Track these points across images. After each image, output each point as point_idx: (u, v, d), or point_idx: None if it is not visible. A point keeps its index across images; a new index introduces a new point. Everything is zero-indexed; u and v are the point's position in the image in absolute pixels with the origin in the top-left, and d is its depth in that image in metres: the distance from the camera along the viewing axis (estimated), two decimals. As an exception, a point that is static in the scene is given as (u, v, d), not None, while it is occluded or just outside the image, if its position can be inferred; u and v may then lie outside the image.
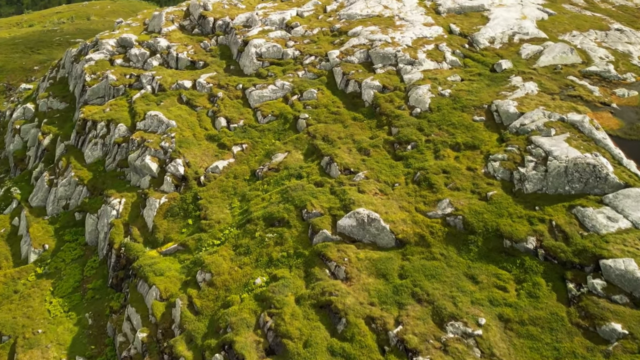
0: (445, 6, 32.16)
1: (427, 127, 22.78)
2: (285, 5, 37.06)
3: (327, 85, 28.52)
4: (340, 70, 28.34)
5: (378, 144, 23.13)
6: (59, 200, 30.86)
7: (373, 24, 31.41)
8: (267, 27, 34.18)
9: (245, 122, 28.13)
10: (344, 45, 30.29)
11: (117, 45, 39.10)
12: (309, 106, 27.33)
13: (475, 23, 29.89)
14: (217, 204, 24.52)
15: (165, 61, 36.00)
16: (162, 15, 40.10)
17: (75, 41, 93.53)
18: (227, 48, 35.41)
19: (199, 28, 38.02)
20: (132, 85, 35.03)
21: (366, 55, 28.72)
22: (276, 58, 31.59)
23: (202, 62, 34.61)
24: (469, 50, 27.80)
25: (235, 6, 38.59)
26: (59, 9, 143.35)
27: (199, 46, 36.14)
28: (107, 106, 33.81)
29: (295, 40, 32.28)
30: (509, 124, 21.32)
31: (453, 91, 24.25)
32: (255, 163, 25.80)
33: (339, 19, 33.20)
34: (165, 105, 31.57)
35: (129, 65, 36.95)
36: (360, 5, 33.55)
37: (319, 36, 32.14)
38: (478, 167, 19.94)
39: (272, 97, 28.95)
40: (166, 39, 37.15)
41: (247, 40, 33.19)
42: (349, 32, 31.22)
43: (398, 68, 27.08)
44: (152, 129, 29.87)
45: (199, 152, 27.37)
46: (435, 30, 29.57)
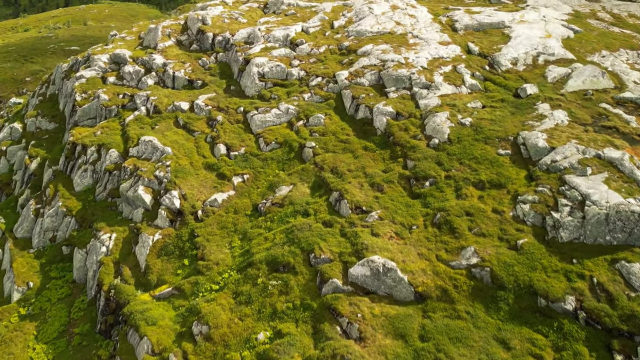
0: (462, 23, 30.95)
1: (446, 161, 21.47)
2: (289, 20, 35.94)
3: (335, 110, 27.29)
4: (350, 93, 27.11)
5: (392, 178, 21.83)
6: (46, 232, 29.62)
7: (384, 42, 30.21)
8: (270, 44, 33.03)
9: (247, 149, 26.89)
10: (353, 65, 29.08)
11: (110, 61, 38.02)
12: (315, 133, 26.09)
13: (495, 42, 28.66)
14: (216, 242, 23.22)
15: (161, 80, 34.87)
16: (158, 30, 39.04)
17: (70, 49, 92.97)
18: (228, 66, 34.26)
19: (197, 44, 36.92)
20: (125, 105, 33.89)
21: (377, 77, 27.50)
22: (280, 79, 30.41)
23: (200, 81, 33.46)
24: (490, 72, 26.54)
25: (236, 20, 37.50)
26: (55, 13, 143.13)
27: (197, 64, 35.01)
28: (98, 129, 32.64)
29: (300, 59, 31.10)
30: (538, 159, 19.99)
31: (474, 120, 22.96)
32: (258, 196, 24.53)
33: (347, 36, 32.03)
34: (160, 129, 30.38)
35: (123, 84, 35.83)
36: (370, 21, 32.38)
37: (326, 55, 30.96)
38: (505, 210, 18.60)
39: (275, 122, 27.73)
40: (162, 56, 36.04)
41: (248, 58, 32.03)
42: (359, 51, 30.03)
43: (413, 92, 25.83)
44: (146, 155, 28.65)
45: (196, 183, 26.12)
46: (452, 49, 28.34)
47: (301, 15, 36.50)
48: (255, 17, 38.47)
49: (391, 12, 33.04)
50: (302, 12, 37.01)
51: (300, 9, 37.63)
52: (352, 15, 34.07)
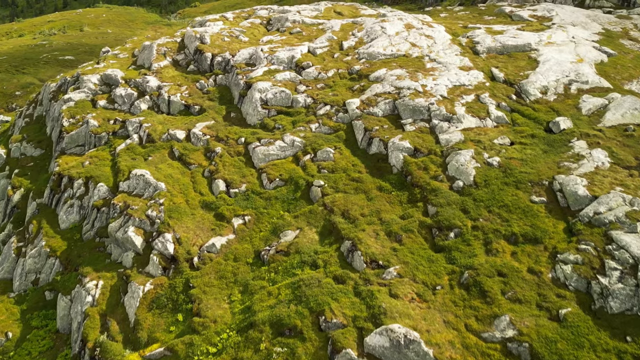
0: (485, 45, 29.45)
1: (473, 208, 19.85)
2: (294, 39, 34.52)
3: (345, 143, 25.76)
4: (362, 124, 25.59)
5: (412, 227, 20.21)
6: (28, 274, 28.09)
7: (399, 66, 28.72)
8: (273, 66, 31.59)
9: (248, 186, 25.34)
10: (364, 92, 27.57)
11: (100, 82, 36.66)
12: (324, 169, 24.54)
13: (522, 67, 27.13)
14: (214, 295, 21.61)
15: (155, 104, 33.44)
16: (153, 48, 37.69)
17: (65, 58, 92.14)
18: (227, 90, 32.83)
19: (195, 64, 35.52)
20: (116, 132, 32.46)
21: (392, 106, 25.98)
22: (285, 106, 28.93)
23: (197, 106, 32.01)
24: (517, 102, 24.99)
25: (237, 39, 36.12)
26: (51, 17, 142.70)
27: (194, 87, 33.58)
28: (87, 158, 31.18)
29: (306, 84, 29.63)
30: (578, 209, 18.37)
31: (503, 160, 21.37)
32: (260, 241, 22.94)
33: (358, 59, 30.56)
34: (153, 160, 28.89)
35: (114, 108, 34.42)
36: (382, 42, 30.91)
37: (334, 80, 29.48)
38: (543, 270, 16.95)
39: (280, 155, 26.21)
40: (157, 78, 34.64)
41: (250, 82, 30.58)
42: (371, 76, 28.53)
43: (432, 125, 24.28)
44: (137, 191, 27.14)
45: (192, 225, 24.55)
46: (474, 75, 26.82)
47: (307, 34, 35.09)
48: (257, 35, 37.09)
49: (406, 32, 31.58)
50: (308, 30, 35.62)
51: (306, 26, 36.25)
52: (363, 35, 32.62)
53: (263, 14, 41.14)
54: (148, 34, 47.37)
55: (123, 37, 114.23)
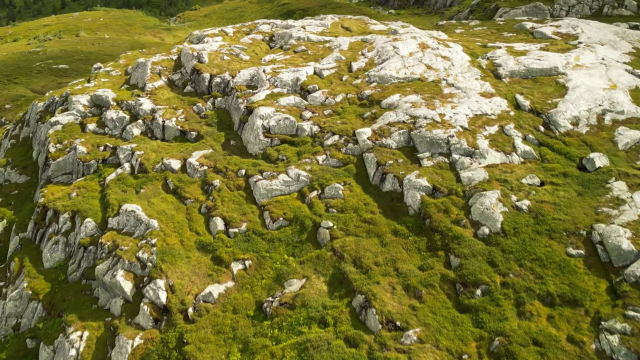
0: (507, 68, 27.97)
1: (501, 261, 18.30)
2: (299, 59, 33.10)
3: (356, 178, 24.25)
4: (374, 158, 24.10)
5: (432, 281, 18.66)
6: (8, 319, 26.62)
7: (414, 91, 27.26)
8: (276, 89, 30.17)
9: (249, 226, 23.83)
10: (376, 121, 26.10)
11: (90, 104, 35.29)
12: (333, 208, 23.02)
13: (549, 94, 25.63)
14: (210, 353, 20.05)
15: (149, 129, 32.03)
16: (147, 67, 36.33)
17: (58, 67, 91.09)
18: (227, 114, 31.41)
19: (192, 85, 34.14)
20: (106, 160, 31.06)
21: (407, 137, 24.49)
22: (289, 134, 27.48)
23: (194, 132, 30.58)
24: (546, 135, 23.48)
25: (237, 57, 34.74)
26: (47, 21, 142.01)
27: (191, 110, 32.17)
28: (74, 189, 29.76)
29: (313, 110, 28.19)
30: (622, 265, 16.82)
31: (533, 203, 19.82)
32: (262, 290, 21.40)
33: (368, 82, 29.11)
34: (146, 194, 27.44)
35: (104, 133, 33.03)
36: (395, 64, 29.45)
37: (343, 105, 28.03)
38: (585, 340, 15.38)
39: (284, 191, 24.71)
40: (151, 100, 33.24)
41: (251, 107, 29.15)
42: (383, 102, 27.07)
43: (452, 160, 22.77)
44: (127, 229, 25.66)
45: (187, 270, 23.02)
46: (497, 103, 25.33)
47: (313, 53, 33.69)
48: (259, 53, 35.70)
49: (420, 53, 30.14)
50: (314, 48, 34.23)
51: (312, 44, 34.86)
52: (374, 56, 31.18)
53: (265, 29, 39.79)
54: (142, 49, 46.00)
55: (120, 43, 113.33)
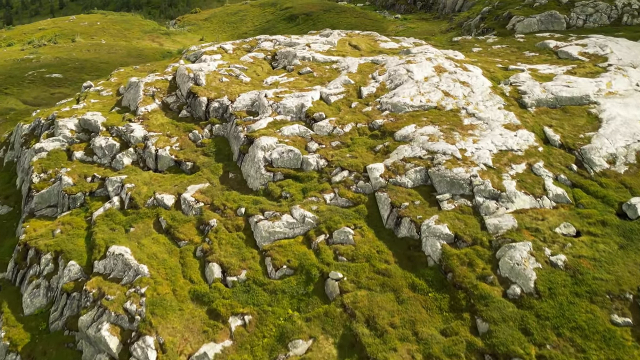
0: (533, 96, 26.38)
1: (536, 328, 16.63)
2: (303, 81, 31.57)
3: (368, 221, 22.64)
4: (387, 198, 22.50)
5: (458, 351, 16.99)
6: (-18, 372, 24.96)
7: (430, 121, 25.69)
8: (279, 116, 28.64)
9: (249, 274, 22.21)
10: (389, 155, 24.52)
11: (78, 129, 33.80)
12: (342, 256, 21.41)
13: (581, 127, 24.04)
14: None
15: (140, 158, 30.51)
16: (140, 88, 34.86)
17: (52, 77, 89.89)
18: (225, 142, 29.88)
19: (188, 109, 32.63)
20: (94, 192, 29.52)
21: (424, 175, 22.90)
22: (293, 168, 25.91)
23: (190, 163, 29.04)
24: (579, 174, 21.86)
25: (237, 78, 33.24)
26: (43, 24, 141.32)
27: (186, 138, 30.64)
28: (58, 225, 28.20)
29: (319, 141, 26.63)
30: (677, 339, 15.12)
31: (569, 258, 18.18)
32: (264, 352, 19.76)
33: (380, 110, 27.55)
34: (136, 233, 25.86)
35: (92, 161, 31.50)
36: (409, 90, 27.89)
37: (353, 136, 26.46)
38: None
39: (287, 234, 23.12)
40: (143, 126, 31.74)
41: (252, 137, 27.61)
42: (397, 133, 25.50)
43: (475, 203, 21.15)
44: (115, 274, 24.06)
45: (179, 325, 21.39)
46: (523, 137, 23.74)
47: (319, 75, 32.16)
48: (260, 74, 34.20)
49: (436, 77, 28.59)
50: (320, 69, 32.71)
51: (318, 65, 33.34)
52: (385, 80, 29.63)
53: (267, 46, 38.31)
54: (136, 66, 44.62)
55: (117, 50, 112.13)
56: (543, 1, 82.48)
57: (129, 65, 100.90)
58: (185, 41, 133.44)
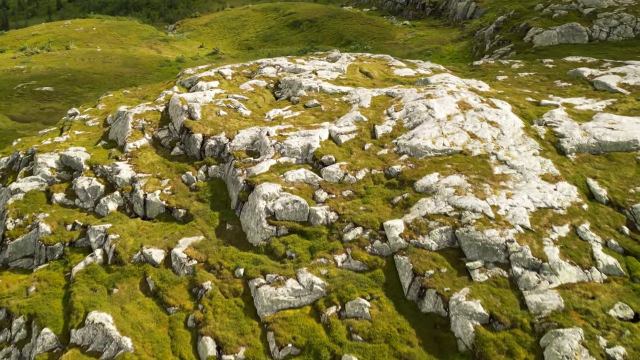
0: (573, 140, 24.19)
1: None
2: (310, 117, 29.45)
3: (386, 290, 20.43)
4: (408, 263, 20.30)
5: None
6: None
7: (456, 169, 23.50)
8: (283, 158, 26.53)
9: (249, 352, 19.97)
10: (410, 210, 22.32)
11: (59, 166, 31.74)
12: (357, 334, 19.17)
13: (630, 179, 21.82)
14: None
15: (127, 203, 28.39)
16: (129, 120, 32.79)
17: (42, 90, 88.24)
18: (223, 186, 27.77)
19: (181, 146, 30.53)
20: (74, 243, 27.44)
21: (451, 237, 20.70)
22: (299, 221, 23.74)
23: (183, 210, 26.92)
24: (632, 239, 19.63)
25: (236, 111, 31.16)
26: (37, 30, 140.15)
27: (179, 180, 28.53)
28: (33, 280, 26.10)
29: (328, 189, 24.47)
30: None
31: (629, 352, 15.91)
32: None
33: (397, 153, 25.39)
34: (119, 296, 23.69)
35: (74, 205, 29.41)
36: (430, 130, 25.72)
37: (366, 185, 24.29)
38: None
39: (293, 303, 20.91)
40: (130, 166, 29.64)
41: (252, 182, 25.48)
42: (417, 183, 23.31)
43: (512, 274, 18.92)
44: (94, 346, 21.87)
45: (167, 415, 19.15)
46: (564, 191, 21.53)
47: (327, 109, 30.03)
48: (262, 106, 32.10)
49: (460, 116, 26.43)
50: (329, 102, 30.59)
51: (326, 96, 31.24)
52: (402, 117, 27.48)
53: (269, 72, 36.24)
54: (126, 90, 42.60)
55: (112, 59, 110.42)
56: (562, 12, 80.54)
57: (124, 75, 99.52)
58: (184, 48, 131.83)
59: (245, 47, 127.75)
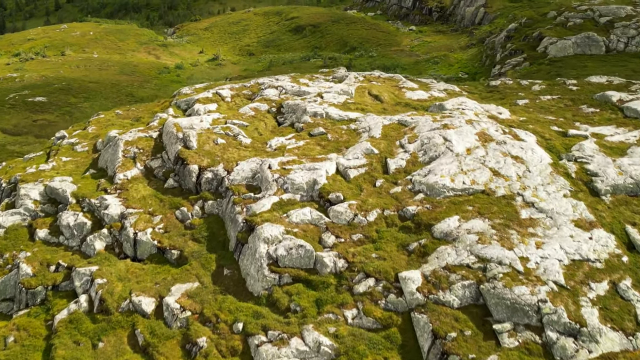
0: (607, 180, 22.50)
1: None
2: (316, 147, 27.80)
3: (402, 352, 18.76)
4: (427, 322, 18.63)
5: None
6: None
7: (478, 212, 21.82)
8: (286, 194, 24.90)
9: None
10: (427, 259, 20.63)
11: (43, 198, 30.15)
12: (370, 407, 17.46)
13: (674, 227, 20.10)
14: None
15: (116, 242, 26.79)
16: (119, 147, 31.18)
17: (34, 100, 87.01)
18: (220, 223, 26.14)
19: (176, 177, 28.92)
20: (57, 286, 25.89)
21: (475, 292, 19.02)
22: (304, 268, 22.08)
23: (176, 251, 25.31)
24: (681, 299, 17.89)
25: (235, 139, 29.55)
26: (32, 34, 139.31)
27: (173, 217, 26.90)
28: (11, 329, 24.51)
29: (336, 232, 22.81)
30: None
31: None
32: None
33: (412, 191, 23.72)
34: (105, 351, 22.06)
35: (59, 243, 27.83)
36: (448, 166, 24.04)
37: (379, 227, 22.62)
38: None
39: (298, 367, 19.19)
40: (120, 200, 28.02)
41: (252, 222, 23.84)
42: (435, 228, 21.63)
43: (546, 340, 17.24)
44: (76, 413, 20.17)
45: None
46: (601, 240, 19.86)
47: (334, 138, 28.39)
48: (264, 133, 30.47)
49: (481, 149, 24.76)
50: (336, 131, 28.94)
51: (333, 124, 29.60)
52: (417, 150, 25.83)
53: (271, 94, 34.61)
54: (118, 110, 41.03)
55: (109, 65, 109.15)
56: (577, 20, 78.90)
57: (121, 84, 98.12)
58: (183, 53, 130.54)
59: (247, 53, 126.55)
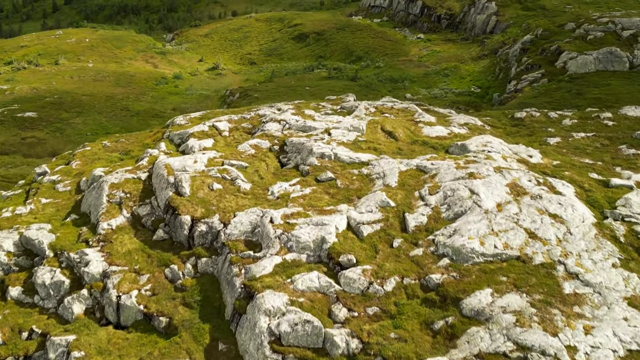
0: (662, 246, 20.14)
1: None
2: (324, 195, 25.48)
3: None
4: None
5: None
6: None
7: (513, 284, 19.45)
8: (291, 254, 22.61)
9: None
10: (456, 343, 18.25)
11: (18, 250, 27.92)
12: None
13: None
14: None
15: (97, 305, 24.50)
16: (104, 190, 28.92)
17: (24, 116, 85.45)
18: (215, 285, 23.84)
19: (166, 228, 26.64)
20: (30, 357, 23.74)
21: (515, 390, 16.59)
22: (311, 348, 19.70)
23: (165, 319, 23.00)
24: None
25: (233, 184, 27.27)
26: (26, 40, 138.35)
27: (161, 276, 24.60)
28: (-23, 410, 22.11)
29: (349, 303, 20.45)
30: None
31: None
32: None
33: (435, 254, 21.37)
34: None
35: (33, 303, 25.60)
36: (476, 225, 21.64)
37: (398, 299, 20.25)
38: None
39: None
40: (103, 255, 25.75)
41: (251, 287, 21.53)
42: (464, 302, 19.24)
43: None
44: None
45: None
46: (663, 325, 17.46)
47: (344, 185, 26.09)
48: (265, 177, 28.16)
49: (514, 205, 22.42)
50: (346, 176, 26.64)
51: (342, 167, 27.30)
52: (439, 202, 23.50)
53: (273, 129, 32.31)
54: (106, 142, 38.83)
55: (104, 76, 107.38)
56: (598, 34, 76.74)
57: (116, 97, 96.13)
58: (182, 62, 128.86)
59: (248, 62, 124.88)
